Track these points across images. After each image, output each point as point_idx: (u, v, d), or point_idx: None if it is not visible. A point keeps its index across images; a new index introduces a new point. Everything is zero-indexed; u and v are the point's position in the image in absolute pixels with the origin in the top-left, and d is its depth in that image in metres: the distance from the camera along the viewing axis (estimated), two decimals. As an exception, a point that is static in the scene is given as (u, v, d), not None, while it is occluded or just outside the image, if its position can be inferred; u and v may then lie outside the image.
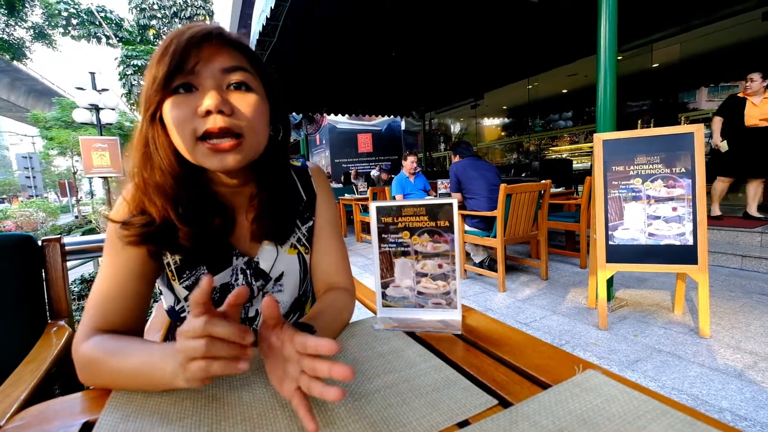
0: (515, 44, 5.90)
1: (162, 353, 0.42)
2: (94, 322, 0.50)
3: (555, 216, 3.39)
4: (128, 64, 10.08)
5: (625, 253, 2.03)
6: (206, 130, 0.46)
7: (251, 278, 0.61)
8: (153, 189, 0.50)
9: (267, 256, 0.61)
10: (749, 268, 2.93)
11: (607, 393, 0.39)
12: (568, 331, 2.06)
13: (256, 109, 0.49)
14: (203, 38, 0.47)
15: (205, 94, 0.46)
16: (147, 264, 0.54)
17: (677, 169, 1.94)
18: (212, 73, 0.47)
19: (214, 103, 0.45)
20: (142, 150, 0.50)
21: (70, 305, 0.92)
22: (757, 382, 1.49)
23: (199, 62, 0.47)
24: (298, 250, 0.65)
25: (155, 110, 0.48)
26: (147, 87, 0.47)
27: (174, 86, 0.46)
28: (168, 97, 0.47)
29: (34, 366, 0.68)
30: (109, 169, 8.11)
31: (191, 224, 0.51)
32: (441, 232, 0.58)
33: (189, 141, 0.47)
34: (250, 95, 0.49)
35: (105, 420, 0.40)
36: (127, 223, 0.50)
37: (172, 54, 0.45)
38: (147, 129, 0.49)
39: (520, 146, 9.13)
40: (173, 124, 0.47)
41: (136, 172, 0.51)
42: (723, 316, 2.10)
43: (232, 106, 0.47)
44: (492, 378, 0.44)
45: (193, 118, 0.46)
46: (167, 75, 0.45)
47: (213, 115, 0.45)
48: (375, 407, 0.39)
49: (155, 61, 0.46)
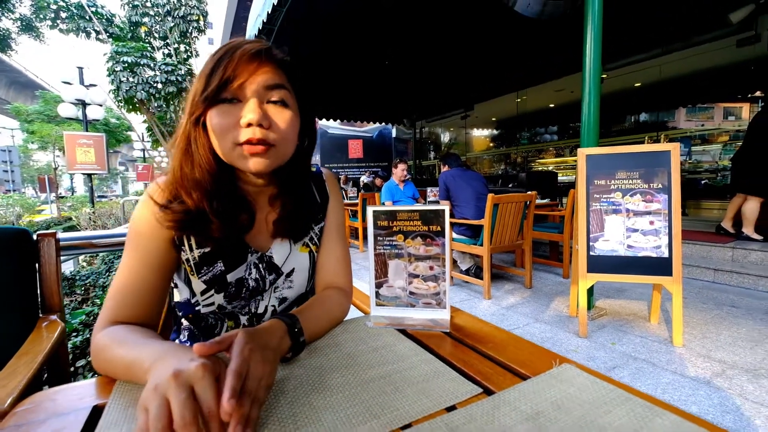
0: (506, 58, 6.07)
1: (150, 351, 0.43)
2: (111, 313, 0.53)
3: (540, 226, 3.49)
4: (117, 60, 9.89)
5: (605, 263, 2.11)
6: (245, 140, 0.51)
7: (264, 272, 0.65)
8: (192, 183, 0.55)
9: (280, 252, 0.66)
10: (721, 281, 3.06)
11: (579, 383, 0.43)
12: (549, 338, 2.12)
13: (289, 124, 0.55)
14: (253, 57, 0.52)
15: (246, 106, 0.51)
16: (166, 258, 0.58)
17: (655, 185, 2.04)
18: (256, 89, 0.52)
19: (256, 118, 0.50)
20: (184, 148, 0.55)
21: (62, 300, 0.92)
22: (724, 388, 1.57)
23: (246, 80, 0.52)
24: (309, 248, 0.69)
25: (200, 116, 0.53)
26: (195, 94, 0.52)
27: (220, 98, 0.51)
28: (213, 107, 0.52)
29: (29, 358, 0.69)
30: (93, 166, 7.94)
31: (222, 218, 0.56)
32: (433, 236, 0.62)
33: (228, 146, 0.52)
34: (286, 111, 0.55)
35: (114, 404, 0.42)
36: (167, 207, 0.55)
37: (224, 70, 0.50)
38: (190, 130, 0.54)
39: (507, 157, 9.32)
40: (216, 130, 0.52)
41: (176, 166, 0.55)
42: (695, 326, 2.20)
43: (270, 120, 0.53)
44: (477, 370, 0.48)
45: (235, 128, 0.51)
46: (217, 89, 0.50)
47: (253, 127, 0.51)
48: (371, 394, 0.43)
49: (206, 73, 0.51)
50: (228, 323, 0.67)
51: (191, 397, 0.33)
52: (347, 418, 0.38)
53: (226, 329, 0.67)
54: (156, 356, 0.41)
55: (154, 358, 0.41)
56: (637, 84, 6.50)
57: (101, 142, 8.17)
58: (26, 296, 0.87)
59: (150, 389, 0.33)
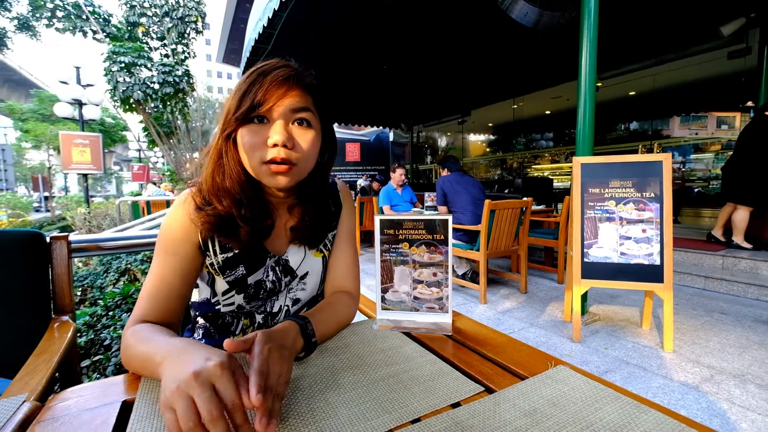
0: (503, 65, 6.16)
1: (162, 348, 0.46)
2: (141, 312, 0.58)
3: (535, 232, 3.54)
4: (114, 60, 9.88)
5: (599, 270, 2.16)
6: (270, 159, 0.56)
7: (281, 274, 0.69)
8: (222, 191, 0.60)
9: (296, 256, 0.70)
10: (711, 288, 3.13)
11: (572, 383, 0.47)
12: (544, 343, 2.17)
13: (312, 144, 0.60)
14: (283, 82, 0.57)
15: (273, 127, 0.56)
16: (193, 263, 0.63)
17: (647, 194, 2.09)
18: (283, 111, 0.57)
19: (282, 139, 0.56)
20: (216, 159, 0.61)
21: (73, 301, 0.95)
22: (712, 393, 1.62)
23: (275, 103, 0.56)
24: (323, 253, 0.74)
25: (231, 132, 0.58)
26: (227, 112, 0.57)
27: (250, 117, 0.57)
28: (244, 125, 0.57)
29: (47, 357, 0.72)
30: (89, 166, 7.90)
31: (249, 223, 0.61)
32: (437, 244, 0.66)
33: (256, 163, 0.57)
34: (310, 132, 0.60)
35: (142, 399, 0.45)
36: (201, 209, 0.60)
37: (255, 93, 0.55)
38: (222, 144, 0.60)
39: (504, 163, 9.41)
40: (245, 148, 0.57)
41: (208, 175, 0.61)
42: (686, 332, 2.25)
43: (294, 141, 0.58)
44: (479, 371, 0.52)
45: (263, 146, 0.56)
46: (248, 111, 0.56)
47: (278, 147, 0.56)
48: (381, 391, 0.46)
49: (238, 94, 0.57)
50: (244, 321, 0.71)
51: (214, 394, 0.36)
52: (361, 413, 0.42)
53: (241, 327, 0.71)
54: (166, 353, 0.44)
55: (164, 355, 0.44)
56: (632, 93, 6.62)
57: (97, 142, 8.14)
58: (39, 297, 0.89)
59: (172, 389, 0.36)
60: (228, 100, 0.59)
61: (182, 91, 11.17)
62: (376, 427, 0.39)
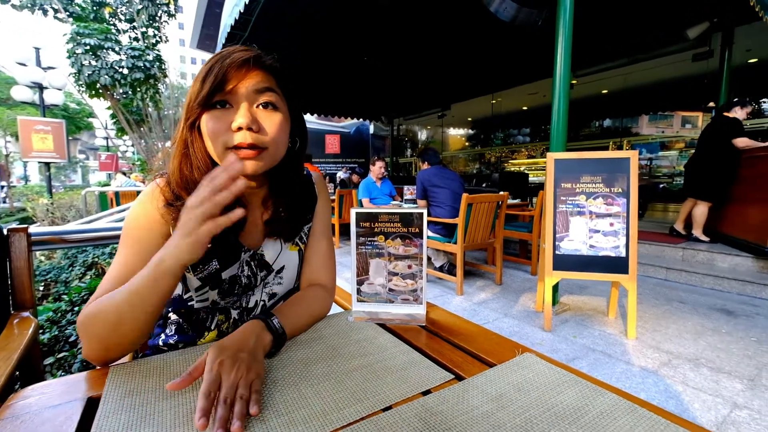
0: (482, 60, 6.22)
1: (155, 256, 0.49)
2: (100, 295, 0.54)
3: (511, 226, 3.63)
4: (79, 42, 9.29)
5: (570, 262, 2.24)
6: (236, 144, 0.54)
7: (256, 269, 0.68)
8: (192, 184, 0.57)
9: (271, 250, 0.69)
10: (672, 279, 3.32)
11: (537, 369, 0.50)
12: (517, 332, 2.24)
13: (279, 127, 0.58)
14: (242, 63, 0.55)
15: (238, 111, 0.54)
16: None
17: (615, 189, 2.19)
18: (246, 93, 0.55)
19: (246, 122, 0.53)
20: (183, 151, 0.58)
21: (35, 297, 0.91)
22: (669, 376, 1.73)
23: (236, 84, 0.55)
24: (299, 246, 0.73)
25: (194, 120, 0.56)
26: (190, 100, 0.55)
27: (212, 102, 0.54)
28: (206, 111, 0.55)
29: (5, 354, 0.68)
30: (52, 154, 7.46)
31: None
32: (412, 237, 0.67)
33: (220, 149, 0.55)
34: (276, 114, 0.58)
35: (109, 395, 0.44)
36: (171, 204, 0.58)
37: (215, 76, 0.53)
38: (186, 134, 0.58)
39: (482, 157, 9.57)
40: (209, 134, 0.55)
41: (176, 168, 0.58)
42: (648, 320, 2.39)
43: (260, 124, 0.56)
44: (450, 359, 0.53)
45: (227, 132, 0.54)
46: (208, 94, 0.53)
47: (243, 131, 0.53)
48: (354, 381, 0.47)
49: (199, 79, 0.54)
50: (219, 317, 0.69)
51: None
52: (334, 403, 0.43)
53: (216, 323, 0.69)
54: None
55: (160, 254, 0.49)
56: (605, 91, 6.84)
57: (60, 129, 7.69)
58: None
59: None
60: (190, 88, 0.57)
61: (153, 77, 10.65)
62: (347, 416, 0.40)
